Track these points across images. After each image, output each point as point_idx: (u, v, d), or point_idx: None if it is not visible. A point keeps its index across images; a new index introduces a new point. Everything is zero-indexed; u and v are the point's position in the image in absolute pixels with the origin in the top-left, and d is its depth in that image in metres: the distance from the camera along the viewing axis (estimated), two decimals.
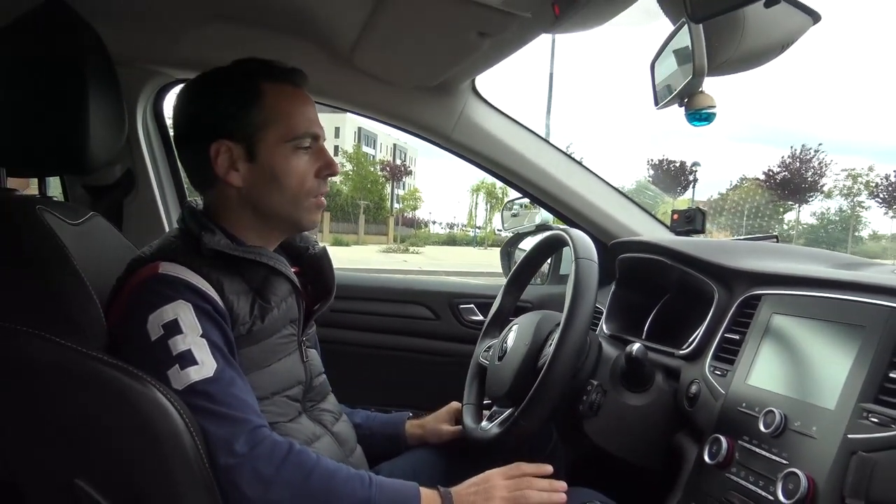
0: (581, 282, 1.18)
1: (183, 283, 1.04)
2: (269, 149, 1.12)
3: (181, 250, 1.10)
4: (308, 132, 1.14)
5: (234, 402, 1.00)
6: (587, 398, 1.22)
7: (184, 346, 0.99)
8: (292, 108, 1.14)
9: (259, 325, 1.11)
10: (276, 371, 1.15)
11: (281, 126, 1.12)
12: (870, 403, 0.87)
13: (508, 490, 1.08)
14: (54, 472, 0.96)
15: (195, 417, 0.97)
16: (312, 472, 1.00)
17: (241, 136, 1.12)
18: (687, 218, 1.70)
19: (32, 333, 0.96)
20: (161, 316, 1.00)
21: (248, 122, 1.11)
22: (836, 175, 37.44)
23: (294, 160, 1.13)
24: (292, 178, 1.13)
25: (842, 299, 1.00)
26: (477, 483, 1.10)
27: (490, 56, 1.45)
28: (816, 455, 0.89)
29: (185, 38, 1.65)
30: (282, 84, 1.14)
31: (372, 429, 1.42)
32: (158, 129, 1.92)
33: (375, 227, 38.77)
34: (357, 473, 1.05)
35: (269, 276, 1.14)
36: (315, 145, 1.16)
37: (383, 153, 52.58)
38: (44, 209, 1.06)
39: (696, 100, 1.02)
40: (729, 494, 1.00)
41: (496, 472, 1.11)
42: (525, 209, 2.17)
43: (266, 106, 1.12)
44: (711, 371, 1.17)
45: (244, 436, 0.98)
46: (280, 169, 1.13)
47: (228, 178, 1.13)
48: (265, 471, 0.98)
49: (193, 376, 0.98)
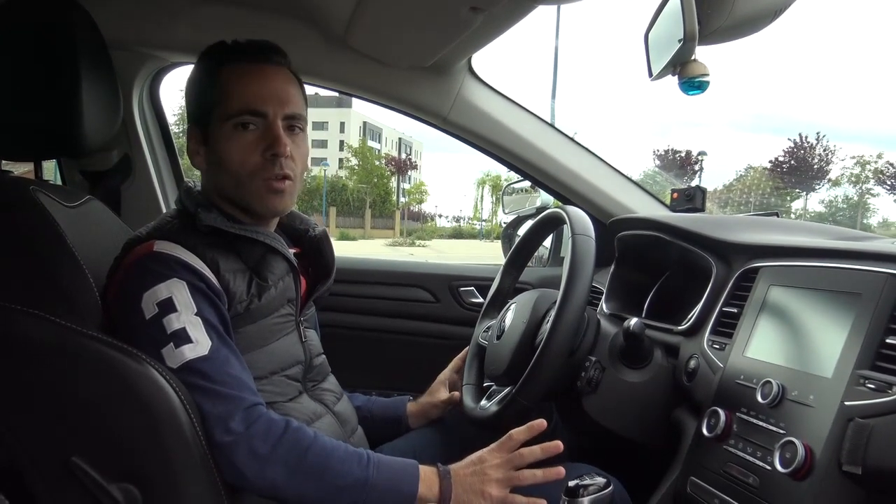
0: (577, 257, 1.17)
1: (177, 261, 1.04)
2: (216, 130, 1.12)
3: (177, 229, 1.10)
4: (247, 108, 1.09)
5: (230, 380, 1.00)
6: (586, 375, 1.22)
7: (178, 324, 0.99)
8: (238, 86, 1.10)
9: (256, 303, 1.11)
10: (274, 350, 1.15)
11: (223, 105, 1.10)
12: (866, 370, 0.86)
13: (502, 470, 1.08)
14: (51, 451, 0.97)
15: (191, 395, 0.97)
16: (308, 450, 1.01)
17: (199, 120, 1.14)
18: (687, 196, 1.69)
19: (27, 312, 0.96)
20: (155, 294, 1.01)
21: (204, 104, 1.12)
22: (843, 162, 37.26)
23: (235, 140, 1.10)
24: (233, 157, 1.10)
25: (837, 268, 0.99)
26: (474, 462, 1.09)
27: (484, 32, 1.44)
28: (814, 424, 0.88)
29: (179, 21, 1.64)
30: (238, 63, 1.12)
31: (372, 412, 1.42)
32: (155, 114, 1.91)
33: (381, 221, 38.86)
34: (355, 452, 1.05)
35: (266, 255, 1.14)
36: (263, 123, 1.10)
37: (388, 147, 52.62)
38: (38, 190, 1.06)
39: (688, 68, 1.01)
40: (727, 466, 0.99)
41: (490, 451, 1.10)
42: (525, 192, 2.16)
43: (218, 87, 1.11)
44: (710, 345, 1.16)
45: (239, 413, 0.98)
46: (221, 149, 1.11)
47: (195, 162, 1.16)
48: (261, 449, 0.98)
49: (188, 354, 0.99)
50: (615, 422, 1.23)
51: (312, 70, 1.66)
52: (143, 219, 1.21)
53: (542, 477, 1.07)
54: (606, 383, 1.22)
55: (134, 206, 1.80)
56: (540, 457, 1.09)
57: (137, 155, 1.84)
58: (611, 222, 1.72)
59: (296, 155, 1.13)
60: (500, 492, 1.06)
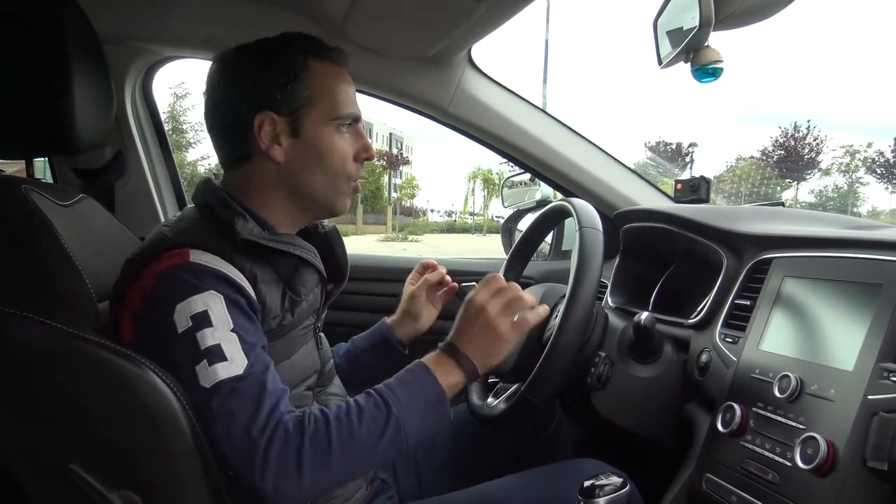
0: (586, 251, 1.15)
1: (214, 273, 0.98)
2: (314, 126, 1.08)
3: (209, 235, 1.03)
4: (352, 112, 1.12)
5: (258, 403, 0.93)
6: (595, 370, 1.20)
7: (213, 340, 0.93)
8: (338, 87, 1.11)
9: (289, 318, 1.07)
10: (296, 362, 1.10)
11: (326, 104, 1.09)
12: (890, 363, 0.84)
13: (506, 316, 1.06)
14: (49, 458, 0.94)
15: (211, 417, 0.92)
16: (332, 440, 0.94)
17: (286, 110, 1.07)
18: (691, 187, 1.67)
19: (24, 316, 0.93)
20: (190, 306, 0.94)
21: (295, 96, 1.07)
22: (833, 152, 37.49)
23: (338, 139, 1.10)
24: (335, 158, 1.10)
25: (856, 258, 0.98)
26: (470, 318, 1.07)
27: (486, 22, 1.41)
28: (835, 418, 0.86)
29: (172, 14, 1.61)
30: (327, 62, 1.11)
31: (359, 347, 1.40)
32: (149, 110, 1.88)
33: (373, 217, 38.83)
34: (368, 404, 0.99)
35: (299, 267, 1.09)
36: (354, 127, 1.13)
37: (379, 143, 52.54)
38: (30, 189, 1.03)
39: (702, 54, 0.98)
40: (744, 462, 0.97)
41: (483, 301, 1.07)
42: (525, 185, 2.13)
43: (312, 82, 1.08)
44: (722, 339, 1.14)
45: (260, 450, 0.92)
46: (324, 147, 1.09)
47: (271, 152, 1.08)
48: (291, 474, 0.92)
49: (221, 374, 0.93)
50: (626, 418, 1.21)
51: None
52: (138, 217, 1.18)
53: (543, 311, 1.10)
54: (616, 379, 1.20)
55: (128, 203, 1.76)
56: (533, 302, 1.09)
57: (131, 152, 1.80)
58: (616, 215, 1.70)
59: None
60: (510, 325, 1.06)
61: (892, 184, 33.62)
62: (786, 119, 63.00)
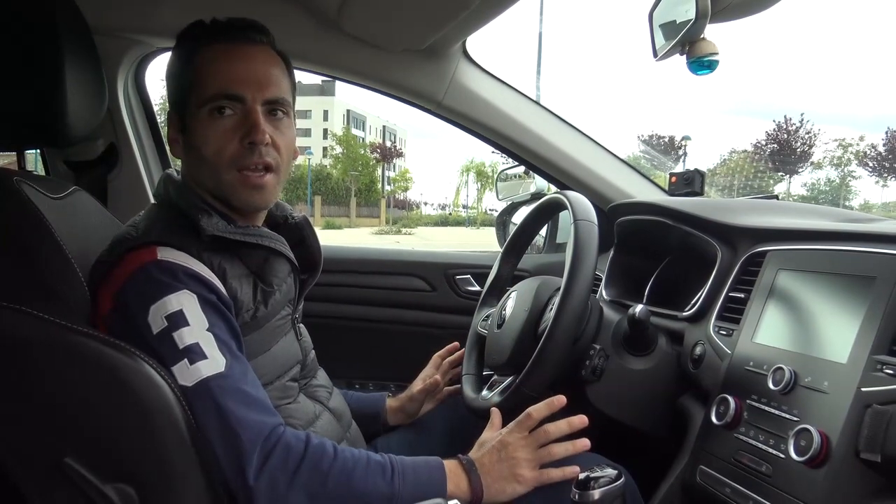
0: (581, 244, 1.15)
1: (185, 271, 0.96)
2: (192, 116, 1.03)
3: (174, 230, 1.01)
4: (223, 92, 1.01)
5: (248, 401, 0.94)
6: (589, 363, 1.20)
7: (191, 339, 0.92)
8: (214, 68, 1.02)
9: (263, 310, 1.06)
10: (276, 354, 1.09)
11: (198, 89, 1.02)
12: (883, 355, 0.85)
13: (529, 449, 1.04)
14: (42, 452, 0.93)
15: (200, 417, 0.92)
16: (330, 474, 0.94)
17: (177, 106, 1.06)
18: (686, 180, 1.67)
19: (16, 309, 0.92)
20: (164, 306, 0.93)
21: (182, 89, 1.05)
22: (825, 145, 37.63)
23: (211, 125, 1.01)
24: (209, 147, 1.02)
25: (850, 251, 0.98)
26: (497, 448, 1.04)
27: (482, 13, 1.41)
28: (829, 410, 0.87)
29: (164, 6, 1.59)
30: (216, 43, 1.04)
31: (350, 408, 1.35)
32: (141, 101, 1.86)
33: (367, 210, 38.80)
34: (378, 463, 0.98)
35: (268, 258, 1.08)
36: (241, 108, 1.02)
37: (373, 135, 52.45)
38: (22, 181, 1.02)
39: (698, 47, 0.98)
40: (738, 454, 0.97)
41: (511, 433, 1.05)
42: (519, 178, 2.13)
43: (195, 70, 1.03)
44: (716, 331, 1.14)
45: (257, 449, 0.92)
46: (199, 137, 1.02)
47: (174, 151, 1.08)
48: (281, 481, 0.92)
49: (205, 371, 0.91)
50: (620, 410, 1.21)
51: (302, 55, 1.61)
52: (131, 210, 1.17)
53: (572, 450, 1.04)
54: (610, 371, 1.20)
55: (121, 196, 1.75)
56: (566, 431, 1.05)
57: (124, 144, 1.78)
58: (610, 207, 1.70)
59: (279, 142, 1.04)
60: (532, 472, 1.03)
61: (884, 177, 33.78)
62: (779, 113, 63.16)
